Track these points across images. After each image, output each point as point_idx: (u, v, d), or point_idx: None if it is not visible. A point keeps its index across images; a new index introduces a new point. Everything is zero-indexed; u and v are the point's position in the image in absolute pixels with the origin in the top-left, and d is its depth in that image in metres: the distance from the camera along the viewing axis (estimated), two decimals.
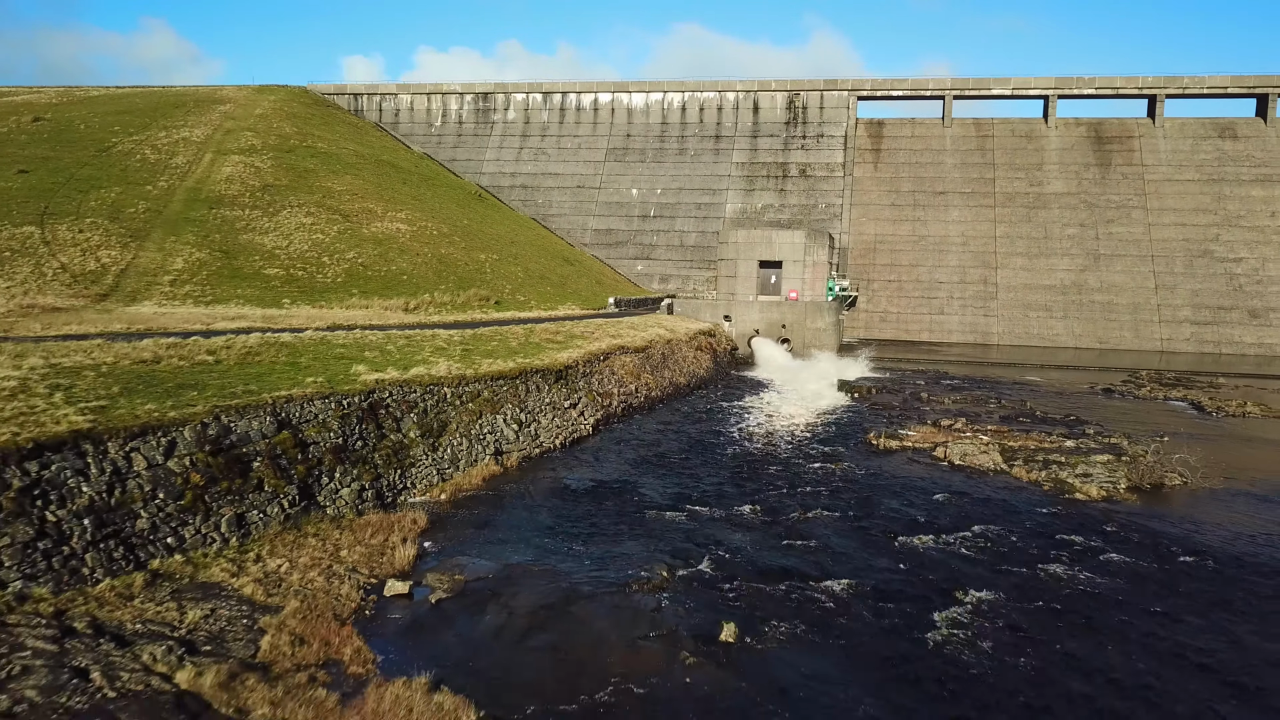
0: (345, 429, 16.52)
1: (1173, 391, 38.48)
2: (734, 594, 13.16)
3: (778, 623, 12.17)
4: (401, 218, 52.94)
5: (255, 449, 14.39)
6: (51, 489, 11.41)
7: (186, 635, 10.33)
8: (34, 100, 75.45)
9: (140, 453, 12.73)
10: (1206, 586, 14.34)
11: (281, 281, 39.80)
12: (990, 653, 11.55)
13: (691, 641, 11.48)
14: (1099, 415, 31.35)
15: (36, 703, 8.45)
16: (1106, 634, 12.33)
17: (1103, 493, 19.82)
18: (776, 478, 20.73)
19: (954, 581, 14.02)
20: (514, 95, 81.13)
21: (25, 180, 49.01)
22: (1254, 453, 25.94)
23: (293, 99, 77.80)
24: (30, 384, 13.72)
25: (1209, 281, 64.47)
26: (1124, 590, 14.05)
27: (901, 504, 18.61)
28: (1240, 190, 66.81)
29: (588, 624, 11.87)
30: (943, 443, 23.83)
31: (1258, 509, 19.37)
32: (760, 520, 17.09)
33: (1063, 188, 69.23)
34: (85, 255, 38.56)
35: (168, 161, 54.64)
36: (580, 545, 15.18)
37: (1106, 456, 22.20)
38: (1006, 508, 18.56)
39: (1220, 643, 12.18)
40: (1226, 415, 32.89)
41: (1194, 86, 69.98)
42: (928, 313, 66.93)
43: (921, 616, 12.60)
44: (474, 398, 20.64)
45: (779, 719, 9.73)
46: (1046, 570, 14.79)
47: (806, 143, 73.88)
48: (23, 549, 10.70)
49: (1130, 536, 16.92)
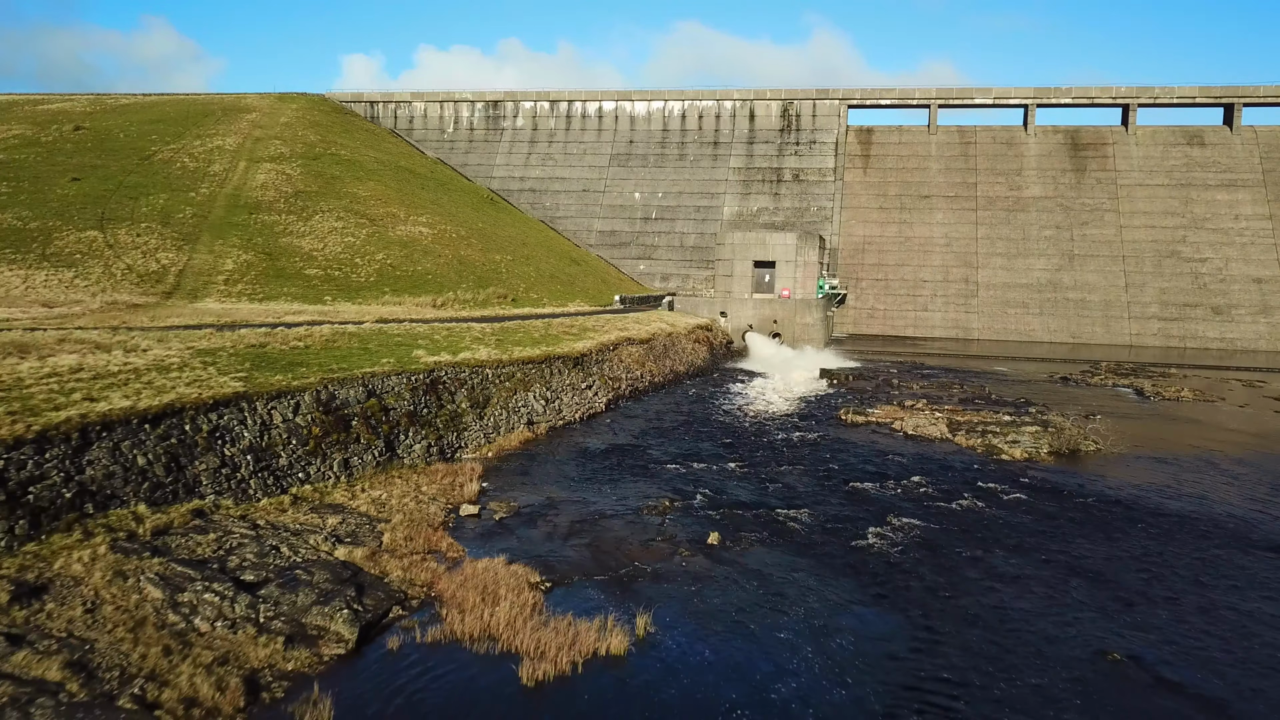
0: (414, 399, 20.90)
1: (1123, 380, 42.82)
2: (719, 516, 17.54)
3: (750, 534, 16.54)
4: (423, 221, 57.31)
5: (353, 411, 18.78)
6: (225, 433, 15.79)
7: (331, 532, 14.70)
8: (69, 108, 79.69)
9: (277, 410, 17.12)
10: (1088, 517, 18.70)
11: (321, 280, 44.16)
12: (905, 553, 15.90)
13: (686, 543, 15.85)
14: (1048, 398, 35.70)
15: (254, 563, 12.82)
16: (999, 545, 16.66)
17: (1025, 455, 24.20)
18: (757, 443, 25.13)
19: (887, 511, 18.39)
20: (522, 103, 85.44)
21: (79, 187, 53.42)
22: (1169, 428, 30.31)
23: (313, 107, 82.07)
24: (187, 360, 18.10)
25: (1176, 280, 68.78)
26: (1022, 519, 18.40)
27: (857, 461, 23.00)
28: (1206, 194, 71.09)
29: (611, 532, 16.26)
30: (901, 418, 28.22)
31: (1150, 468, 23.73)
32: (741, 471, 21.48)
33: (1041, 192, 73.53)
34: (146, 257, 42.93)
35: (206, 169, 59.00)
36: (602, 485, 19.57)
37: (1036, 428, 26.58)
38: (942, 465, 22.95)
39: (1087, 551, 16.48)
40: (1162, 399, 37.26)
41: (1164, 96, 74.27)
42: (913, 309, 71.27)
43: (858, 531, 16.97)
44: (510, 378, 25.02)
45: (748, 589, 14.06)
46: (962, 505, 19.16)
47: (800, 149, 78.18)
48: (212, 473, 15.09)
49: (1038, 485, 21.29)
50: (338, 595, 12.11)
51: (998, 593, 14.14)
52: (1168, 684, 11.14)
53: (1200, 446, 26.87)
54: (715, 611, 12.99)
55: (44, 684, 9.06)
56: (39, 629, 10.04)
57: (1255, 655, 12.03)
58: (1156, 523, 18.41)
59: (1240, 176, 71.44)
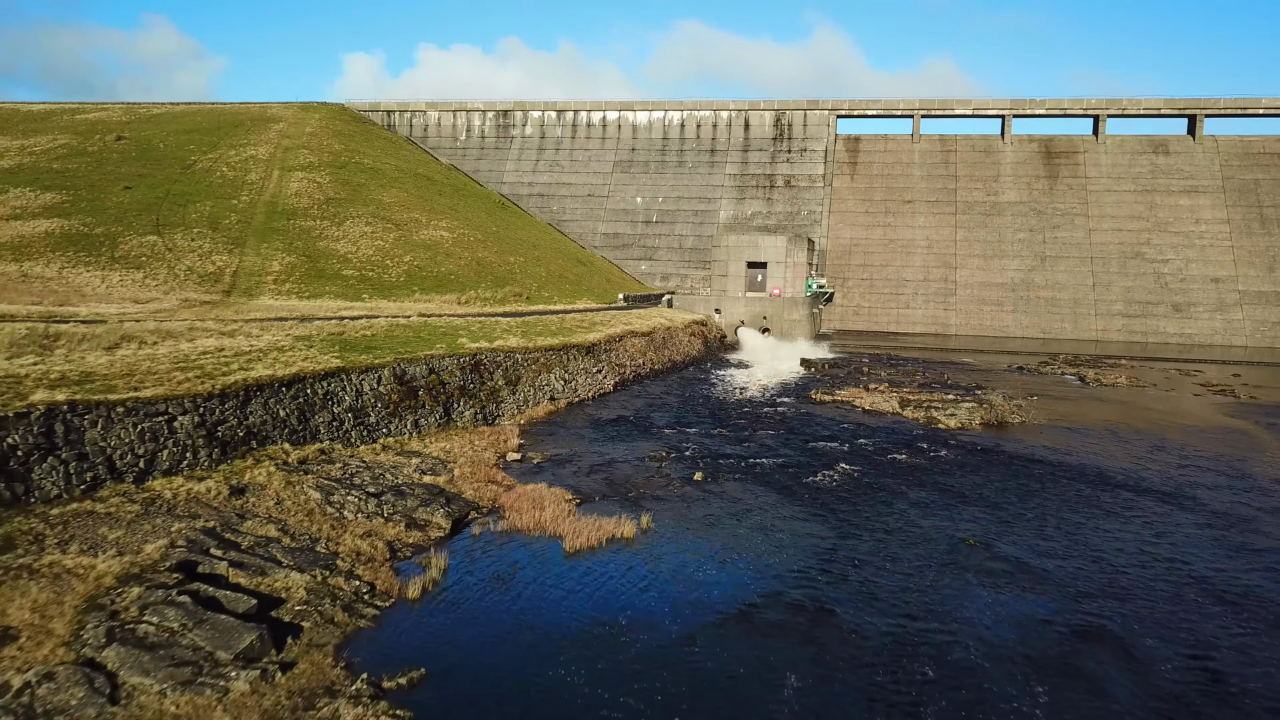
0: (463, 376, 26.20)
1: (1072, 369, 48.05)
2: (704, 463, 22.84)
3: (726, 474, 21.83)
4: (443, 226, 62.57)
5: (419, 384, 24.08)
6: (333, 396, 21.10)
7: (416, 468, 19.97)
8: (106, 118, 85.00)
9: (366, 381, 22.42)
10: (993, 466, 23.97)
11: (357, 280, 49.43)
12: (841, 487, 21.17)
13: (678, 479, 21.14)
14: (998, 383, 40.94)
15: (370, 482, 18.10)
16: (915, 483, 21.91)
17: (959, 424, 29.49)
18: (739, 415, 30.43)
19: (835, 461, 23.68)
20: (530, 113, 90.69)
21: (131, 195, 58.73)
22: (1092, 406, 35.58)
23: (334, 117, 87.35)
24: (292, 344, 23.40)
25: (1139, 280, 74.01)
26: (940, 467, 23.66)
27: (818, 428, 28.30)
28: (1170, 200, 76.30)
29: (621, 471, 21.56)
30: (861, 397, 33.52)
31: (1061, 435, 29.00)
32: (725, 434, 26.79)
33: (1016, 197, 78.75)
34: (202, 259, 48.23)
35: (243, 178, 64.28)
36: (613, 443, 24.88)
37: (973, 404, 31.86)
38: (888, 431, 28.24)
39: (984, 488, 21.69)
40: (1100, 384, 42.51)
41: (1132, 108, 79.46)
42: (895, 307, 76.52)
43: (809, 473, 22.24)
44: (535, 362, 30.31)
45: (721, 505, 19.30)
46: (895, 458, 24.44)
47: (791, 156, 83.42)
48: (327, 424, 20.40)
49: (962, 445, 26.57)
50: (433, 501, 17.42)
51: (903, 511, 19.41)
52: (1001, 556, 16.41)
53: (1111, 420, 32.14)
54: (696, 517, 18.29)
55: (267, 538, 14.36)
56: (251, 511, 15.35)
57: (1078, 549, 17.28)
58: (1048, 471, 23.68)
59: (1201, 183, 76.63)
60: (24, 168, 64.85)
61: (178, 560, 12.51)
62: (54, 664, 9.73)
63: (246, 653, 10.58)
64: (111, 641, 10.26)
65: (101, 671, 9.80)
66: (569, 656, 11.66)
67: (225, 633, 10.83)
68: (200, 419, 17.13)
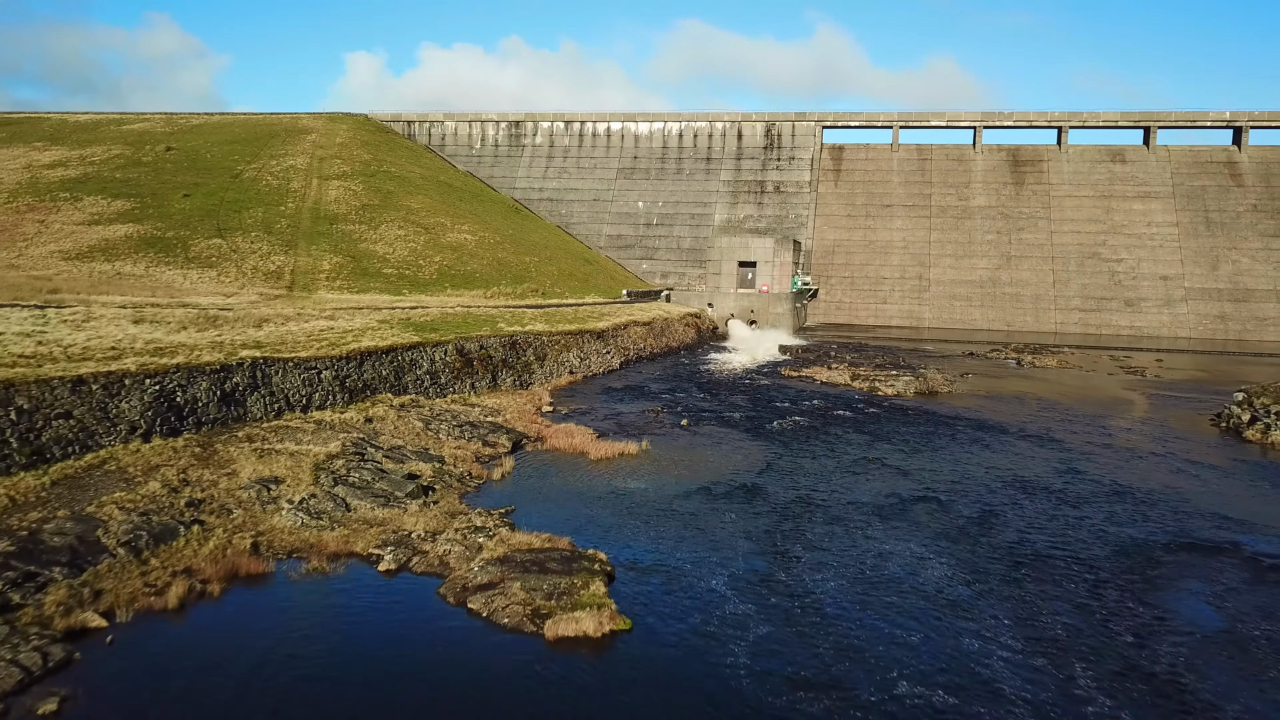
0: (505, 352, 33.76)
1: (1014, 354, 55.50)
2: (689, 414, 30.39)
3: (705, 422, 29.38)
4: (466, 229, 70.10)
5: (473, 356, 31.67)
6: (414, 363, 28.68)
7: (479, 412, 27.53)
8: (150, 129, 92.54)
9: (436, 352, 30.00)
10: (913, 420, 31.44)
11: (396, 278, 56.93)
12: (790, 430, 28.68)
13: (668, 424, 28.70)
14: (947, 365, 48.35)
15: (451, 419, 25.67)
16: (846, 428, 29.41)
17: (895, 392, 37.02)
18: (719, 385, 37.98)
19: (789, 414, 31.20)
20: (540, 123, 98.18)
21: (190, 202, 66.28)
22: (1015, 382, 43.05)
23: (360, 127, 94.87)
24: (377, 326, 30.97)
25: (1095, 277, 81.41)
26: (869, 419, 31.15)
27: (782, 396, 35.85)
28: (1125, 204, 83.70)
29: (628, 419, 29.12)
30: (822, 373, 41.05)
31: (977, 401, 36.48)
32: (706, 397, 34.35)
33: (985, 202, 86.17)
34: (264, 259, 55.76)
35: (286, 186, 71.82)
36: (620, 402, 32.44)
37: (910, 377, 39.38)
38: (836, 397, 35.78)
39: (899, 433, 29.14)
40: (1033, 366, 49.97)
41: (1092, 120, 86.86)
42: (874, 302, 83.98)
43: (768, 422, 29.77)
44: (557, 343, 37.87)
45: (700, 439, 26.79)
46: (836, 414, 31.96)
47: (781, 164, 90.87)
48: (415, 381, 27.99)
49: (893, 406, 34.07)
50: (497, 431, 24.99)
51: (831, 444, 26.95)
52: (889, 466, 23.93)
53: (1023, 391, 39.64)
54: (680, 444, 25.84)
55: (396, 445, 21.90)
56: (380, 432, 22.90)
57: (946, 464, 24.76)
58: (954, 423, 31.17)
59: (1153, 189, 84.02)
60: (90, 177, 72.41)
61: (352, 451, 20.08)
62: (312, 492, 17.29)
63: (411, 494, 18.14)
64: (337, 484, 17.85)
65: (336, 497, 17.37)
66: (599, 505, 19.17)
67: (396, 484, 18.41)
68: (335, 373, 24.73)
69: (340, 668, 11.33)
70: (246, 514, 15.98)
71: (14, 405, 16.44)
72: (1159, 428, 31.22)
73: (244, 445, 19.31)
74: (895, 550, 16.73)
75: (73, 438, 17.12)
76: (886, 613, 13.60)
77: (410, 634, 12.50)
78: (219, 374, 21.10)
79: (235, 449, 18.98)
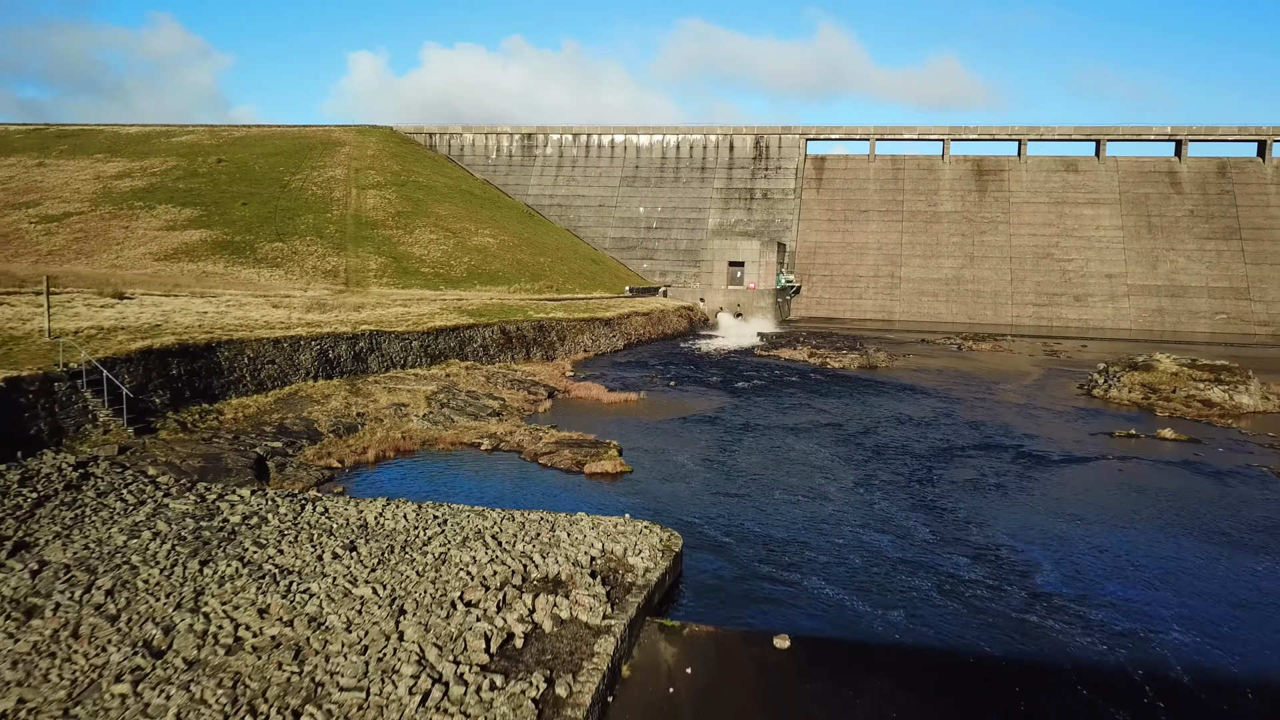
0: (534, 332, 43.51)
1: (958, 341, 65.12)
2: (675, 379, 40.14)
3: (689, 383, 39.13)
4: (488, 233, 79.80)
5: (512, 335, 41.44)
6: (469, 338, 38.46)
7: (521, 375, 37.30)
8: (197, 141, 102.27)
9: (486, 331, 39.78)
10: (848, 384, 41.14)
11: (432, 276, 66.59)
12: (753, 388, 38.36)
13: (661, 385, 38.44)
14: (898, 349, 57.94)
15: (504, 377, 35.47)
16: (795, 388, 39.07)
17: (841, 365, 46.70)
18: (703, 360, 47.70)
19: (754, 379, 40.92)
20: (550, 135, 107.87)
21: (248, 210, 76.01)
22: (946, 360, 52.67)
23: (387, 140, 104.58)
24: (441, 311, 40.75)
25: (1048, 276, 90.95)
26: (817, 382, 40.82)
27: (750, 367, 45.57)
28: (1076, 210, 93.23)
29: (630, 381, 38.89)
30: (786, 352, 50.75)
31: (906, 374, 46.12)
32: (691, 368, 44.11)
33: (951, 208, 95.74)
34: (320, 260, 65.47)
35: (329, 195, 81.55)
36: (624, 371, 42.21)
37: (855, 355, 49.08)
38: (793, 368, 45.48)
39: (837, 392, 38.83)
40: (970, 350, 59.60)
41: (1049, 134, 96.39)
42: (850, 298, 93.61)
43: (735, 383, 39.48)
44: (574, 327, 47.61)
45: (684, 394, 36.46)
46: (792, 379, 41.66)
47: (768, 173, 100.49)
48: (473, 351, 37.78)
49: (836, 374, 43.73)
50: (537, 387, 34.73)
51: (780, 397, 36.64)
52: (817, 409, 33.64)
53: (948, 367, 49.27)
54: (669, 396, 35.54)
55: (470, 390, 31.66)
56: (457, 383, 32.65)
57: (861, 409, 34.42)
58: (878, 385, 40.81)
59: (1102, 196, 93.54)
60: (156, 188, 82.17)
61: (445, 391, 29.84)
62: (428, 411, 27.04)
63: (490, 414, 27.91)
64: (443, 407, 27.64)
65: (444, 415, 27.13)
66: (611, 424, 28.79)
67: (479, 409, 28.21)
68: (421, 343, 34.53)
69: (476, 490, 20.98)
70: (392, 422, 25.72)
71: (245, 354, 26.21)
72: (1035, 390, 40.92)
73: (374, 386, 29.09)
74: (799, 446, 26.44)
75: (277, 375, 26.89)
76: (781, 470, 23.28)
77: (509, 472, 22.18)
78: (351, 340, 30.87)
79: (371, 387, 28.76)
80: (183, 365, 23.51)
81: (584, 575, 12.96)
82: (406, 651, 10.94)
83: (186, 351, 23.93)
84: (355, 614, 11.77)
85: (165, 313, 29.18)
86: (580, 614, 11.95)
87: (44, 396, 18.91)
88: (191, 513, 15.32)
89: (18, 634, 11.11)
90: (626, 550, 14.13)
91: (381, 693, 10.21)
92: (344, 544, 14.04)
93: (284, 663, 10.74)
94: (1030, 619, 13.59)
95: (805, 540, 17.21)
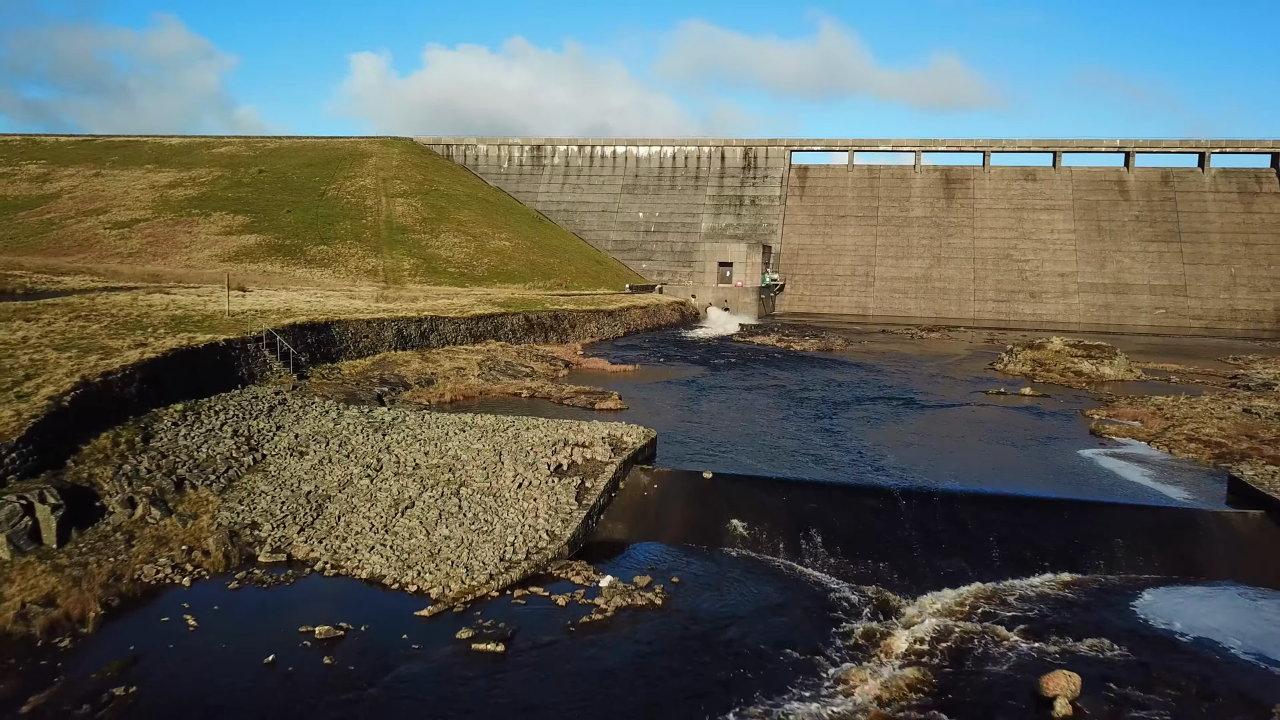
0: (551, 320, 53.62)
1: (914, 330, 75.09)
2: (665, 357, 50.27)
3: (677, 360, 49.24)
4: (504, 237, 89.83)
5: (534, 322, 51.57)
6: (501, 324, 48.57)
7: (543, 352, 47.38)
8: (235, 152, 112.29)
9: (514, 320, 49.88)
10: (804, 361, 51.17)
11: (458, 275, 76.54)
12: (728, 364, 48.39)
13: (654, 361, 48.55)
14: (855, 337, 67.89)
15: (532, 352, 45.60)
16: (760, 365, 49.07)
17: (802, 349, 56.77)
18: (690, 345, 57.82)
19: (729, 358, 51.00)
20: (558, 147, 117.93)
21: (293, 217, 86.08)
22: (895, 345, 62.70)
23: (409, 151, 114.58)
24: (476, 303, 50.90)
25: (1008, 275, 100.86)
26: (780, 359, 50.85)
27: (728, 350, 55.66)
28: (1033, 215, 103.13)
29: (628, 357, 48.99)
30: (760, 339, 60.84)
31: (857, 354, 56.13)
32: (679, 351, 54.24)
33: (921, 213, 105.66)
34: (361, 261, 75.48)
35: (362, 203, 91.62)
36: (625, 352, 52.32)
37: (817, 340, 59.14)
38: (762, 350, 55.55)
39: (792, 367, 48.80)
40: (920, 338, 69.59)
41: (1011, 146, 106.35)
42: (829, 295, 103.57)
43: (714, 360, 49.54)
44: (583, 317, 57.73)
45: (673, 367, 46.49)
46: (759, 358, 51.71)
47: (756, 182, 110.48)
48: (504, 334, 47.95)
49: (798, 355, 53.76)
50: (556, 361, 44.80)
51: (748, 371, 46.68)
52: (774, 379, 43.69)
53: (896, 350, 59.24)
54: (659, 368, 45.60)
55: (508, 360, 41.78)
56: (496, 355, 42.77)
57: (808, 378, 44.47)
58: (829, 364, 50.77)
59: (1058, 203, 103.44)
60: (208, 197, 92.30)
61: (489, 360, 39.94)
62: (480, 373, 37.15)
63: (525, 375, 38.02)
64: (491, 370, 37.78)
65: (492, 375, 37.22)
66: (613, 383, 38.84)
67: (517, 372, 38.34)
68: (468, 327, 44.65)
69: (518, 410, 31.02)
70: (456, 378, 35.79)
71: (349, 330, 36.31)
72: (953, 365, 50.92)
73: (439, 355, 39.20)
74: (748, 398, 36.49)
75: (369, 346, 36.99)
76: (732, 410, 33.27)
77: (542, 408, 32.22)
78: (418, 322, 40.99)
79: (436, 355, 38.88)
80: (313, 336, 33.63)
81: (599, 441, 23.06)
82: (508, 468, 21.07)
83: (314, 327, 34.06)
84: (476, 455, 21.89)
85: (284, 300, 39.28)
86: (597, 455, 22.06)
87: (242, 353, 29.00)
88: (359, 416, 25.42)
89: (301, 461, 21.26)
90: (623, 434, 24.20)
91: (497, 483, 20.34)
92: (459, 428, 24.15)
93: (443, 472, 20.88)
94: (865, 472, 23.65)
95: (734, 441, 27.30)
